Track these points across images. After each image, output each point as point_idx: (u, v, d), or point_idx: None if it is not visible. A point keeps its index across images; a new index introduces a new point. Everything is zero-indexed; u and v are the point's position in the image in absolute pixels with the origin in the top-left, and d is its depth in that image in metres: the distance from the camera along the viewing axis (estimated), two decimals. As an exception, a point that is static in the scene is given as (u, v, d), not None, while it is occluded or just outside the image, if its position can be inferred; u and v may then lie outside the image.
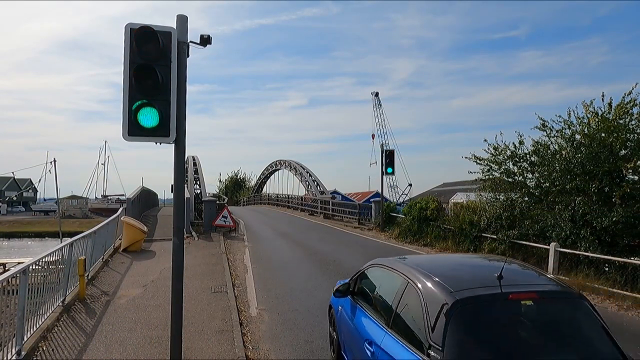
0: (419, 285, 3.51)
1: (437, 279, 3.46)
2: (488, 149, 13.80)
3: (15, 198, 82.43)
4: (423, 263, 4.22)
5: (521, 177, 13.39)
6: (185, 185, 20.24)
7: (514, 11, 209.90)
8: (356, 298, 4.77)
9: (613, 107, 11.22)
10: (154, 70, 4.36)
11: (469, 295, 3.21)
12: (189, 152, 21.07)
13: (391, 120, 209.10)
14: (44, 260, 6.65)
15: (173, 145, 4.62)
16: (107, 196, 79.27)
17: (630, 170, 10.53)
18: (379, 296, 4.35)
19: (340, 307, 5.20)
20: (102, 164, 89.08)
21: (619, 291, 8.76)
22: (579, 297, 3.43)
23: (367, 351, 3.87)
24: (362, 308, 4.48)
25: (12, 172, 71.54)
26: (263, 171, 52.67)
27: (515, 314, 3.25)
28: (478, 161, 14.05)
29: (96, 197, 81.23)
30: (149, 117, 4.39)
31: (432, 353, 2.99)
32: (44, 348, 5.86)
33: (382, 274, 4.43)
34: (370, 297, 4.52)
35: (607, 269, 9.90)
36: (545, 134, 12.70)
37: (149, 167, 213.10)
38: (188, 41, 4.62)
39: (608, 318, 7.45)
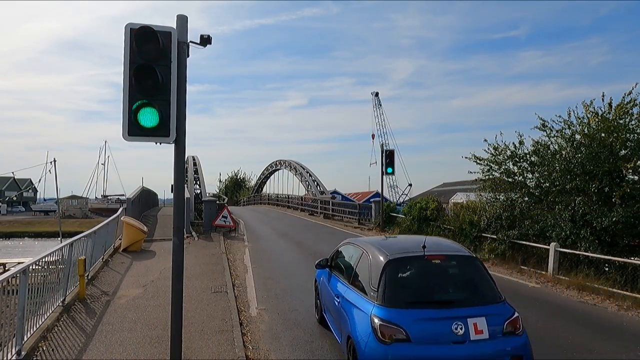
0: (369, 253, 5.19)
1: (380, 249, 5.15)
2: (488, 149, 13.81)
3: (15, 198, 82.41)
4: (377, 240, 6.09)
5: (521, 177, 13.39)
6: (185, 185, 20.24)
7: (514, 11, 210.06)
8: (332, 269, 6.39)
9: (613, 107, 11.22)
10: (154, 70, 4.36)
11: (397, 257, 4.89)
12: (189, 152, 21.09)
13: (391, 120, 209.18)
14: (44, 260, 6.65)
15: (173, 145, 4.62)
16: (107, 196, 79.22)
17: (630, 170, 10.54)
18: (346, 264, 5.95)
19: (322, 278, 6.74)
20: (102, 164, 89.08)
21: (619, 291, 8.75)
22: (473, 258, 5.12)
23: (335, 303, 5.53)
24: (335, 275, 6.12)
25: (12, 172, 71.55)
26: (263, 171, 52.66)
27: (428, 268, 4.87)
28: (478, 161, 14.06)
29: (96, 197, 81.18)
30: (149, 117, 4.39)
31: (371, 293, 4.64)
32: (44, 348, 5.86)
33: (350, 248, 6.09)
34: (341, 266, 6.11)
35: (607, 269, 9.90)
36: (545, 134, 12.72)
37: (149, 167, 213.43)
38: (188, 41, 4.62)
39: (608, 318, 7.50)
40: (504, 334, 4.32)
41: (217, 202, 21.90)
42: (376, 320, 4.29)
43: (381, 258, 4.86)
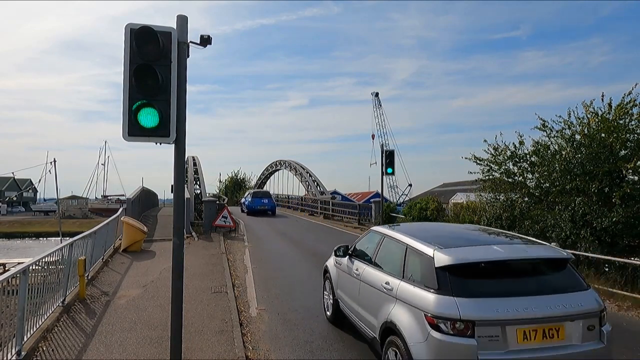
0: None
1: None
2: (488, 149, 13.82)
3: (15, 198, 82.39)
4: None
5: (521, 177, 13.39)
6: (185, 185, 20.24)
7: (515, 11, 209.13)
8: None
9: (613, 107, 11.22)
10: (154, 70, 4.36)
11: None
12: (189, 152, 21.13)
13: (391, 120, 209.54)
14: (44, 260, 6.64)
15: (173, 145, 4.62)
16: (107, 196, 79.20)
17: (630, 171, 10.53)
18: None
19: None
20: (102, 164, 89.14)
21: (619, 291, 8.75)
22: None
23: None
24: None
25: (12, 172, 71.63)
26: (263, 171, 52.65)
27: None
28: (478, 161, 14.06)
29: (96, 198, 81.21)
30: (149, 117, 4.39)
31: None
32: (44, 348, 5.86)
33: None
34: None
35: (607, 269, 9.90)
36: (545, 134, 12.72)
37: (149, 167, 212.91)
38: (188, 41, 4.62)
39: (608, 318, 7.48)
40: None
41: (217, 202, 21.90)
42: None
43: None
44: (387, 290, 4.70)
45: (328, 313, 7.08)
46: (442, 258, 4.11)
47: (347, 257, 6.42)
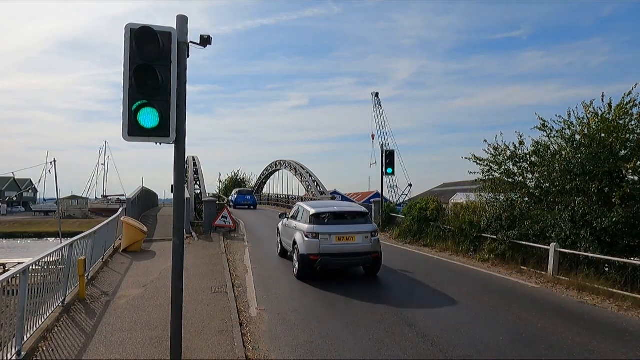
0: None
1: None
2: (488, 149, 13.79)
3: (15, 198, 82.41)
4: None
5: (521, 177, 13.37)
6: (185, 185, 20.25)
7: (516, 11, 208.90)
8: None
9: (613, 107, 11.19)
10: (154, 70, 4.36)
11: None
12: (189, 152, 21.12)
13: (391, 120, 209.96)
14: (44, 260, 6.65)
15: (173, 145, 4.62)
16: (107, 196, 79.21)
17: (630, 171, 10.52)
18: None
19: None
20: (102, 164, 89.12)
21: (619, 291, 8.75)
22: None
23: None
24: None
25: (12, 172, 71.50)
26: (263, 171, 52.57)
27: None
28: (478, 161, 14.03)
29: (96, 198, 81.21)
30: (149, 118, 4.40)
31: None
32: (44, 348, 5.86)
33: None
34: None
35: (607, 269, 9.89)
36: (546, 135, 12.68)
37: (149, 167, 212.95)
38: (188, 41, 4.63)
39: (608, 319, 7.51)
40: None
41: (217, 202, 21.89)
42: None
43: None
44: (295, 228, 10.68)
45: (278, 251, 13.04)
46: (312, 211, 10.08)
47: (286, 218, 12.01)
